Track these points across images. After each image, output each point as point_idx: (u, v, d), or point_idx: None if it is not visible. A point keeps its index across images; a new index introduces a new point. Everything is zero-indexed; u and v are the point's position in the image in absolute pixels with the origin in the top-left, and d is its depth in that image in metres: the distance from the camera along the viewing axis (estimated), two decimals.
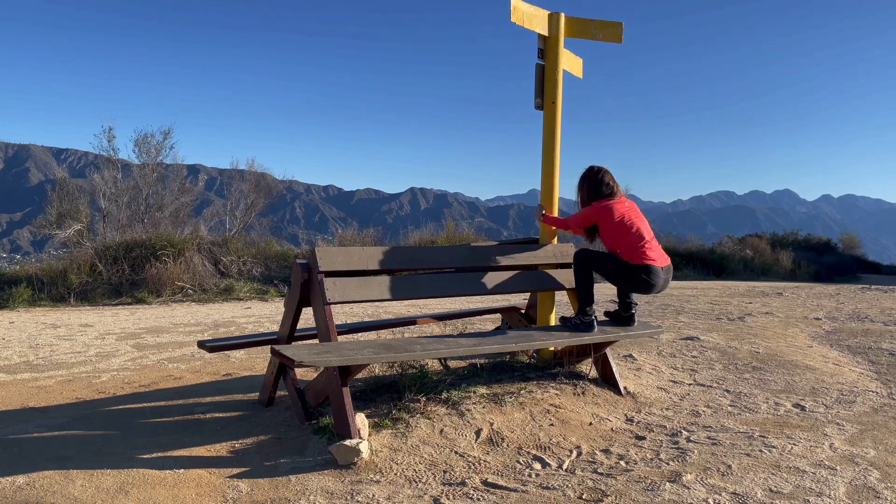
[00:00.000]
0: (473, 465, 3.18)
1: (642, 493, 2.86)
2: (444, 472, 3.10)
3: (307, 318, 3.80)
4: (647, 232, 4.14)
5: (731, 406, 4.24)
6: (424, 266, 4.08)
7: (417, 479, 3.01)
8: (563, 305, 7.73)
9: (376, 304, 9.05)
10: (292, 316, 3.89)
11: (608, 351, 4.43)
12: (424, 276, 4.04)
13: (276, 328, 6.88)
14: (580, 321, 4.12)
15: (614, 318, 4.41)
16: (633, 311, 4.33)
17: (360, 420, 3.38)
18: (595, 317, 4.15)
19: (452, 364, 4.78)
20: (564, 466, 3.18)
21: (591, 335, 4.02)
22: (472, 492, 2.88)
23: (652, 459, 3.27)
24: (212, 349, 4.18)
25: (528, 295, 5.23)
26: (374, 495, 2.83)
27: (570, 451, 3.37)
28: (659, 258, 4.09)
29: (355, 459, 3.12)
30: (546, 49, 4.73)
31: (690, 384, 4.76)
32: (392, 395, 3.99)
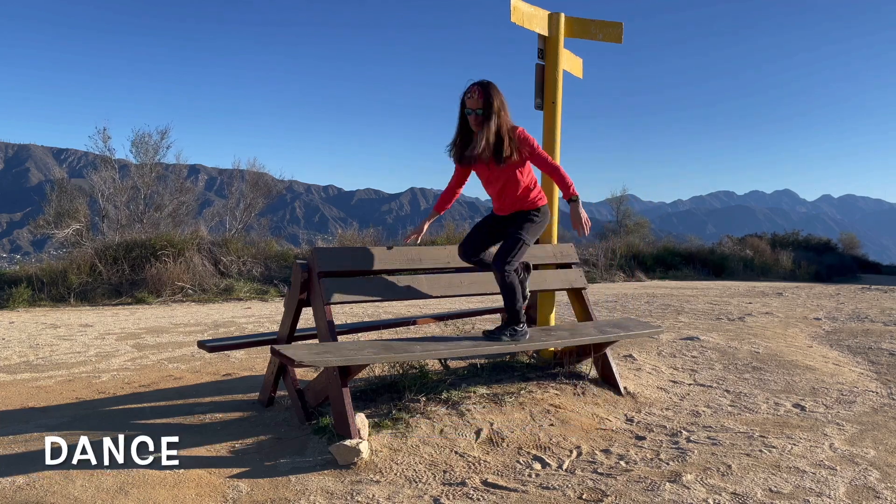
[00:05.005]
0: (473, 465, 3.18)
1: (642, 493, 2.86)
2: (444, 472, 3.10)
3: (307, 318, 3.80)
4: None
5: (731, 406, 4.24)
6: (424, 266, 4.08)
7: (417, 479, 3.01)
8: (563, 305, 7.73)
9: (376, 304, 9.04)
10: (292, 316, 3.88)
11: (608, 351, 4.43)
12: (424, 276, 4.04)
13: (276, 328, 6.86)
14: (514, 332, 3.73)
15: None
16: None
17: (360, 420, 3.38)
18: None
19: (452, 364, 4.78)
20: (564, 466, 3.18)
21: (591, 336, 4.02)
22: (472, 492, 2.88)
23: (652, 459, 3.27)
24: (212, 349, 4.18)
25: None
26: (374, 495, 2.83)
27: (570, 451, 3.37)
28: None
29: (355, 459, 3.12)
30: (546, 49, 4.74)
31: (690, 384, 4.76)
32: (392, 395, 3.99)
